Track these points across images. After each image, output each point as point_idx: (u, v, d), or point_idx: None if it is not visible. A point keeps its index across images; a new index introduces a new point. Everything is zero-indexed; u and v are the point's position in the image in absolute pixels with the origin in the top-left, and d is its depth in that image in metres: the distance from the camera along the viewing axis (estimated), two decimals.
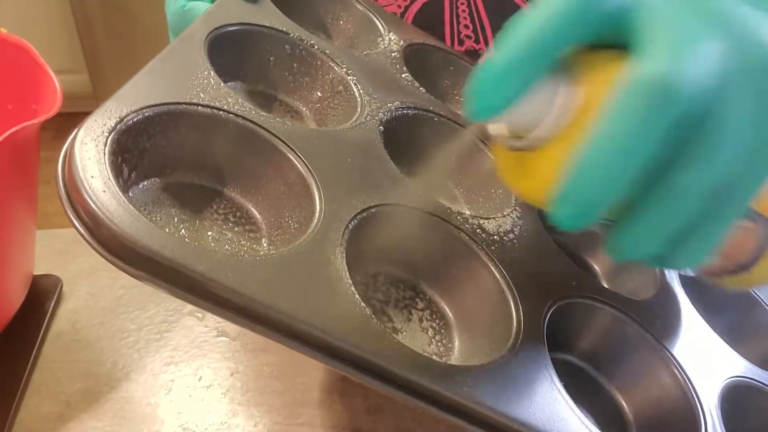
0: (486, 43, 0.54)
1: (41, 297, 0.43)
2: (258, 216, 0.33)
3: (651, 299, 0.39)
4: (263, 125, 0.32)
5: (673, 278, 0.42)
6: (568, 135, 0.22)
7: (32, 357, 0.39)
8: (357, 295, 0.27)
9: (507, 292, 0.32)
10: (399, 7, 0.53)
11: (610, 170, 0.20)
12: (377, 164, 0.35)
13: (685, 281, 0.44)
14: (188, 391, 0.39)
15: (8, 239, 0.36)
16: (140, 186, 0.31)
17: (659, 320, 0.37)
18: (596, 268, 0.44)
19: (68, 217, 0.24)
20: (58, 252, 0.47)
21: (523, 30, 0.22)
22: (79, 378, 0.39)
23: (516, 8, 0.51)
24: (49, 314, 0.42)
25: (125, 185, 0.30)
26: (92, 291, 0.45)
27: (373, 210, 0.32)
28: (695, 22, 0.21)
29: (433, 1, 0.52)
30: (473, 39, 0.54)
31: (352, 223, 0.30)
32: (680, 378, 0.34)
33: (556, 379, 0.29)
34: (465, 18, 0.53)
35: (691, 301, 0.43)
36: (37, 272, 0.44)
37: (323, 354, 0.25)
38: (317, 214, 0.30)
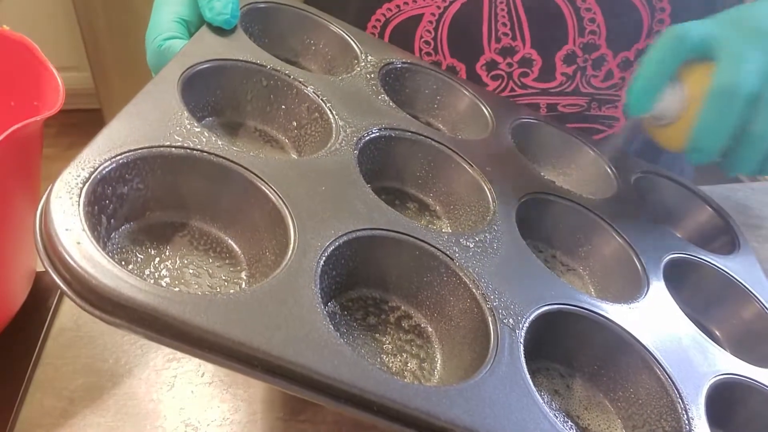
0: (523, 41, 0.55)
1: (44, 294, 0.43)
2: (237, 250, 0.34)
3: (636, 305, 0.39)
4: (236, 161, 0.33)
5: (660, 281, 0.42)
6: (687, 115, 0.41)
7: (35, 353, 0.39)
8: (330, 325, 0.28)
9: (483, 305, 0.33)
10: (438, 7, 0.55)
11: (711, 134, 0.40)
12: (352, 190, 0.36)
13: (675, 284, 0.45)
14: (191, 387, 0.39)
15: (11, 236, 0.36)
16: (121, 230, 0.32)
17: (644, 324, 0.37)
18: None
19: (45, 268, 0.25)
20: None
21: (652, 57, 0.41)
22: (82, 374, 0.39)
23: (555, 8, 0.53)
24: (51, 311, 0.42)
25: (106, 231, 0.31)
26: None
27: (346, 237, 0.33)
28: (748, 44, 0.39)
29: (473, 0, 0.54)
30: (510, 36, 0.55)
31: (327, 251, 0.31)
32: (664, 380, 0.34)
33: (535, 393, 0.30)
34: (503, 17, 0.54)
35: (679, 303, 0.43)
36: (39, 269, 0.44)
37: (299, 386, 0.26)
38: (291, 246, 0.31)
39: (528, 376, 0.30)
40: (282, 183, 0.34)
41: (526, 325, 0.33)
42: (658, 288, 0.41)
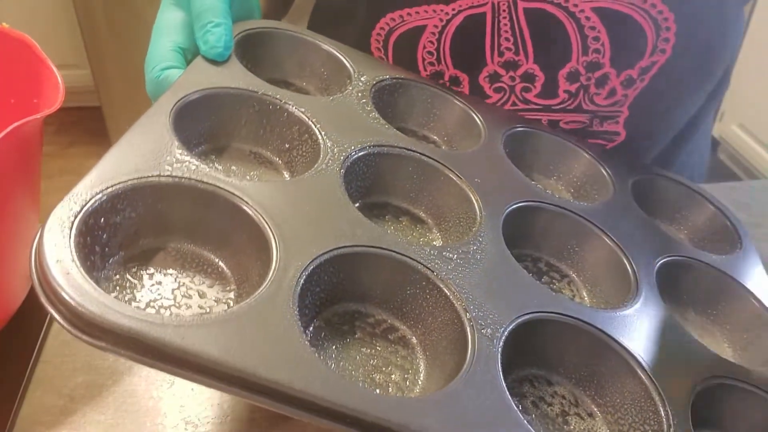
0: (526, 56, 0.55)
1: None
2: (227, 270, 0.36)
3: (624, 309, 0.39)
4: (222, 186, 0.35)
5: (651, 285, 0.42)
6: None
7: (35, 351, 0.39)
8: (306, 342, 0.29)
9: (463, 316, 0.34)
10: (441, 20, 0.55)
11: None
12: (336, 208, 0.38)
13: (671, 287, 0.45)
14: (191, 385, 0.40)
15: (11, 233, 0.36)
16: (116, 257, 0.34)
17: (630, 329, 0.38)
18: None
19: (41, 299, 0.28)
20: None
21: None
22: (82, 371, 0.40)
23: (559, 25, 0.53)
24: None
25: (101, 260, 0.33)
26: None
27: (328, 255, 0.34)
28: None
29: (475, 13, 0.54)
30: (513, 51, 0.55)
31: (308, 269, 0.33)
32: (648, 385, 0.35)
33: (510, 402, 0.31)
34: (506, 31, 0.54)
35: (677, 305, 0.44)
36: None
37: (275, 402, 0.27)
38: (273, 266, 0.32)
39: (503, 385, 0.31)
40: (267, 205, 0.35)
41: (505, 335, 0.34)
42: (648, 292, 0.41)
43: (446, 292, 0.35)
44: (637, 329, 0.38)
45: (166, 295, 0.34)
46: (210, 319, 0.28)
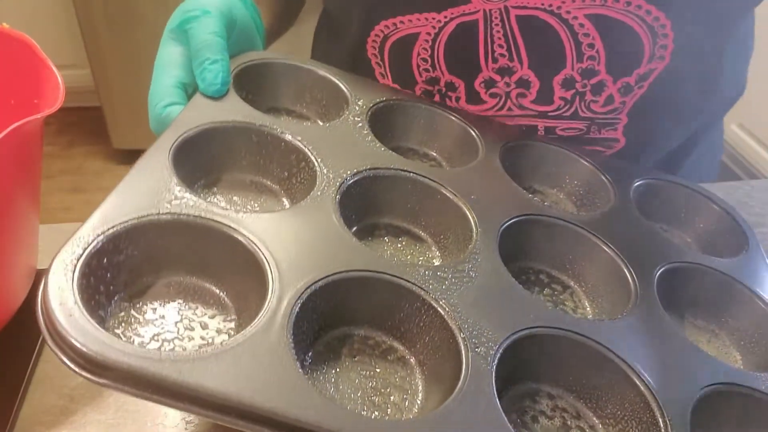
0: (520, 62, 0.55)
1: None
2: (228, 301, 0.37)
3: (622, 319, 0.39)
4: (218, 220, 0.37)
5: (651, 293, 0.42)
6: None
7: (36, 351, 0.39)
8: (299, 369, 0.30)
9: (458, 336, 0.35)
10: (433, 27, 0.56)
11: None
12: (332, 235, 0.39)
13: (675, 293, 0.45)
14: None
15: (12, 233, 0.36)
16: (121, 294, 0.36)
17: (628, 339, 0.38)
18: None
19: (47, 341, 0.29)
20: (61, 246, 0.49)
21: None
22: None
23: (552, 32, 0.53)
24: None
25: (107, 298, 0.34)
26: None
27: (323, 282, 0.35)
28: None
29: (467, 21, 0.54)
30: (507, 57, 0.55)
31: (303, 297, 0.34)
32: (647, 395, 0.35)
33: (504, 419, 0.31)
34: (500, 38, 0.54)
35: (684, 312, 0.43)
36: (40, 266, 0.44)
37: (275, 430, 0.28)
38: (268, 296, 0.33)
39: (497, 403, 0.32)
40: (263, 236, 0.36)
41: (500, 352, 0.34)
42: (647, 301, 0.41)
43: (440, 311, 0.36)
44: (635, 339, 0.38)
45: (169, 329, 0.35)
46: (206, 353, 0.30)
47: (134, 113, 1.96)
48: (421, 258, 0.45)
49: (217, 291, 0.38)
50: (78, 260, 0.32)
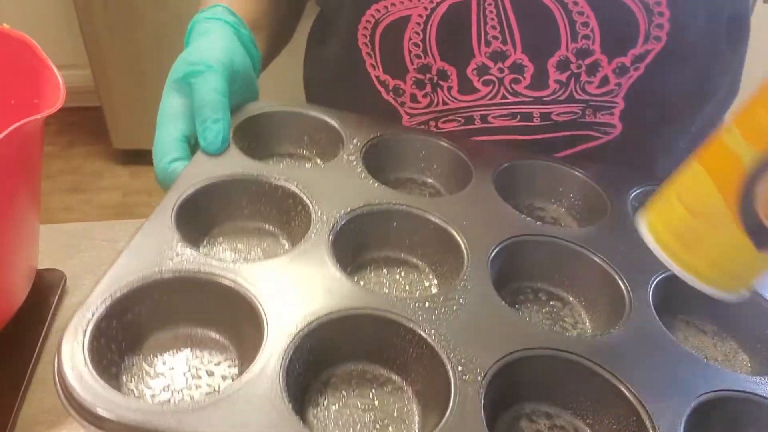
0: (513, 45, 0.55)
1: (45, 291, 0.43)
2: (232, 348, 0.40)
3: (615, 337, 0.40)
4: (217, 272, 0.39)
5: (646, 304, 0.43)
6: None
7: (36, 351, 0.40)
8: (293, 412, 0.32)
9: (447, 364, 0.36)
10: (425, 9, 0.55)
11: None
12: (324, 277, 0.41)
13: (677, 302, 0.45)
14: None
15: (12, 234, 0.36)
16: (132, 350, 0.39)
17: (621, 356, 0.38)
18: None
19: (60, 400, 0.32)
20: (61, 246, 0.50)
21: None
22: None
23: (545, 11, 0.52)
24: (52, 309, 0.42)
25: (119, 356, 0.37)
26: None
27: (317, 323, 0.37)
28: None
29: (460, 1, 0.54)
30: (500, 40, 0.55)
31: (296, 340, 0.36)
32: (638, 408, 0.35)
33: None
34: (492, 19, 0.54)
35: (675, 319, 0.43)
36: (40, 267, 0.45)
37: None
38: (263, 341, 0.36)
39: (485, 426, 0.33)
40: (258, 284, 0.39)
41: (489, 377, 0.36)
42: (641, 311, 0.42)
43: (429, 341, 0.37)
44: (627, 352, 0.39)
45: (177, 379, 0.38)
46: (205, 402, 0.32)
47: (134, 113, 1.97)
48: (419, 287, 0.47)
49: (221, 339, 0.40)
50: (88, 325, 0.35)
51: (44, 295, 0.44)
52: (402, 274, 0.48)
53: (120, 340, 0.38)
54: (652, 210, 0.37)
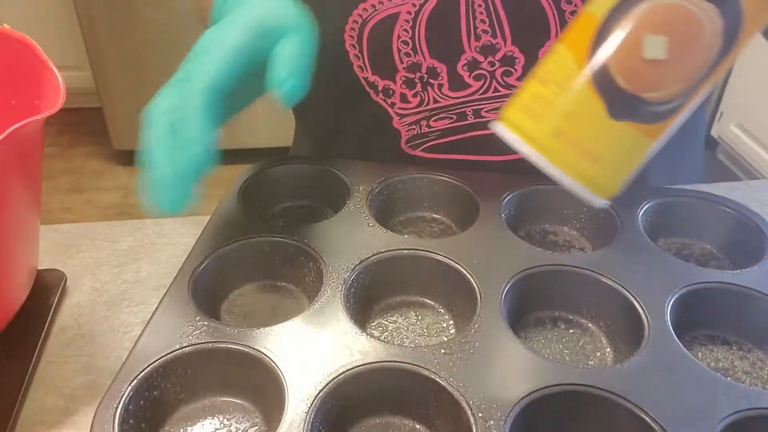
0: (503, 38, 0.54)
1: (45, 291, 0.43)
2: (258, 414, 0.41)
3: (633, 365, 0.40)
4: (235, 341, 0.40)
5: (664, 324, 0.42)
6: None
7: (36, 351, 0.39)
8: None
9: (468, 411, 0.36)
10: (414, 5, 0.54)
11: None
12: (340, 332, 0.41)
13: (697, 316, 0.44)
14: None
15: (12, 234, 0.36)
16: (162, 425, 0.40)
17: (641, 384, 0.38)
18: None
19: None
20: (61, 247, 0.50)
21: None
22: (83, 372, 0.40)
23: (533, 2, 0.52)
24: (53, 309, 0.42)
25: (151, 430, 0.39)
26: (96, 285, 0.46)
27: (335, 382, 0.38)
28: None
29: None
30: (490, 34, 0.54)
31: (318, 400, 0.37)
32: None
33: None
34: (481, 13, 0.53)
35: (697, 336, 0.43)
36: (41, 267, 0.45)
37: None
38: (285, 406, 0.37)
39: None
40: (275, 348, 0.40)
41: (510, 420, 0.36)
42: (660, 334, 0.42)
43: (449, 389, 0.38)
44: (648, 380, 0.38)
45: None
46: None
47: (134, 114, 1.90)
48: (436, 327, 0.47)
49: (247, 404, 0.41)
50: (116, 410, 0.36)
51: (44, 296, 0.44)
52: (419, 316, 0.48)
53: (149, 418, 0.39)
54: (508, 105, 0.34)
